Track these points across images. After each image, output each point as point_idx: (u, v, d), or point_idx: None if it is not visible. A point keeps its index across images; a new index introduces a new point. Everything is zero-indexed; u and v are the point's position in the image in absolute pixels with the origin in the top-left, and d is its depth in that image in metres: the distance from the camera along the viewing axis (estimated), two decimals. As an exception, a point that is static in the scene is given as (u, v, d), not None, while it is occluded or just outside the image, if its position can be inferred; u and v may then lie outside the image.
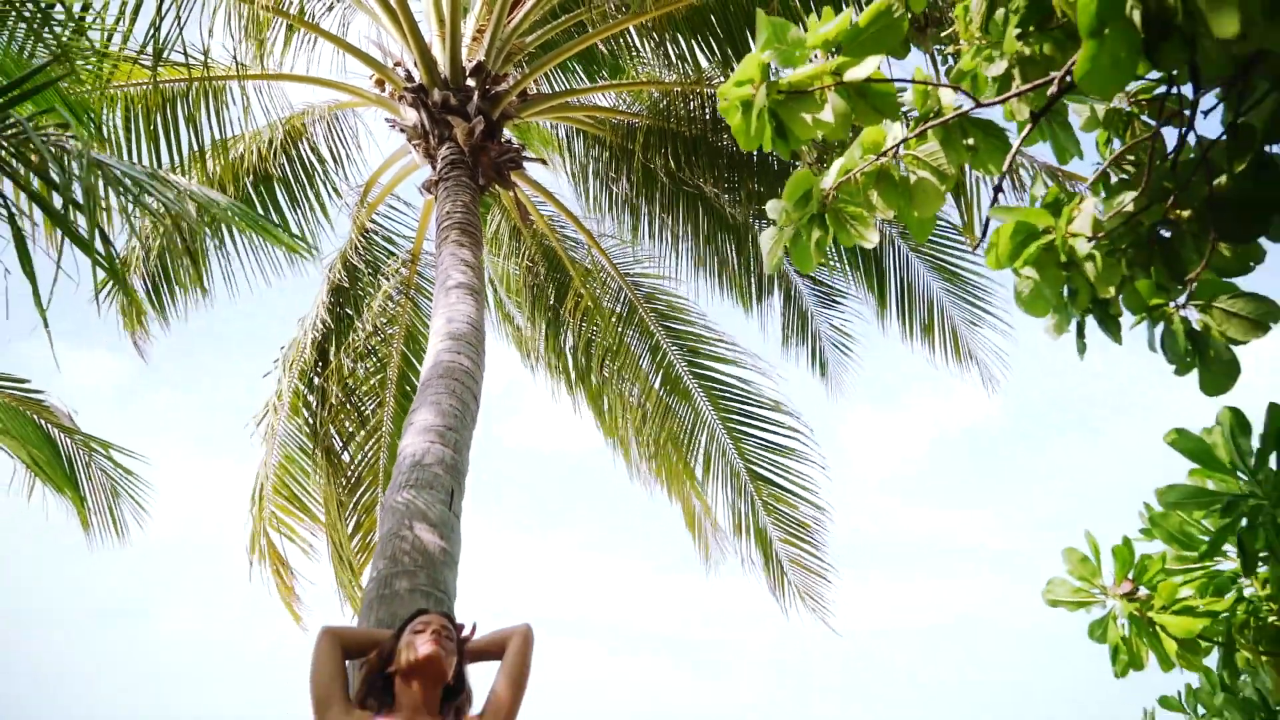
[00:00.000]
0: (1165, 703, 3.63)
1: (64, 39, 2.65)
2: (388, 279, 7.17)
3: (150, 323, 7.46)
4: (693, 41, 5.95)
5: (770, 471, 8.47)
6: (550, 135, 7.66)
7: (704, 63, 5.95)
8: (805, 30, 2.10)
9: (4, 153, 2.06)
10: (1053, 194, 2.28)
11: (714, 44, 5.92)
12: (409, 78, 5.84)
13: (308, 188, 6.74)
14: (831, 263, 8.07)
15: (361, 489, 7.54)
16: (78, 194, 2.24)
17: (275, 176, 6.53)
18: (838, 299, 8.63)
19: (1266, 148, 2.02)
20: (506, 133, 6.44)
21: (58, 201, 2.95)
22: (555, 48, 6.41)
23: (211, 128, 5.67)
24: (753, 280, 8.07)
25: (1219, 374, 2.06)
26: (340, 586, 8.08)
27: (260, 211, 6.30)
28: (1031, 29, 2.12)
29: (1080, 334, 2.42)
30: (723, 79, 5.92)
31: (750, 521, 8.56)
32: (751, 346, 9.82)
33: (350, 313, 6.95)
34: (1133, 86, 2.40)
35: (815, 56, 2.12)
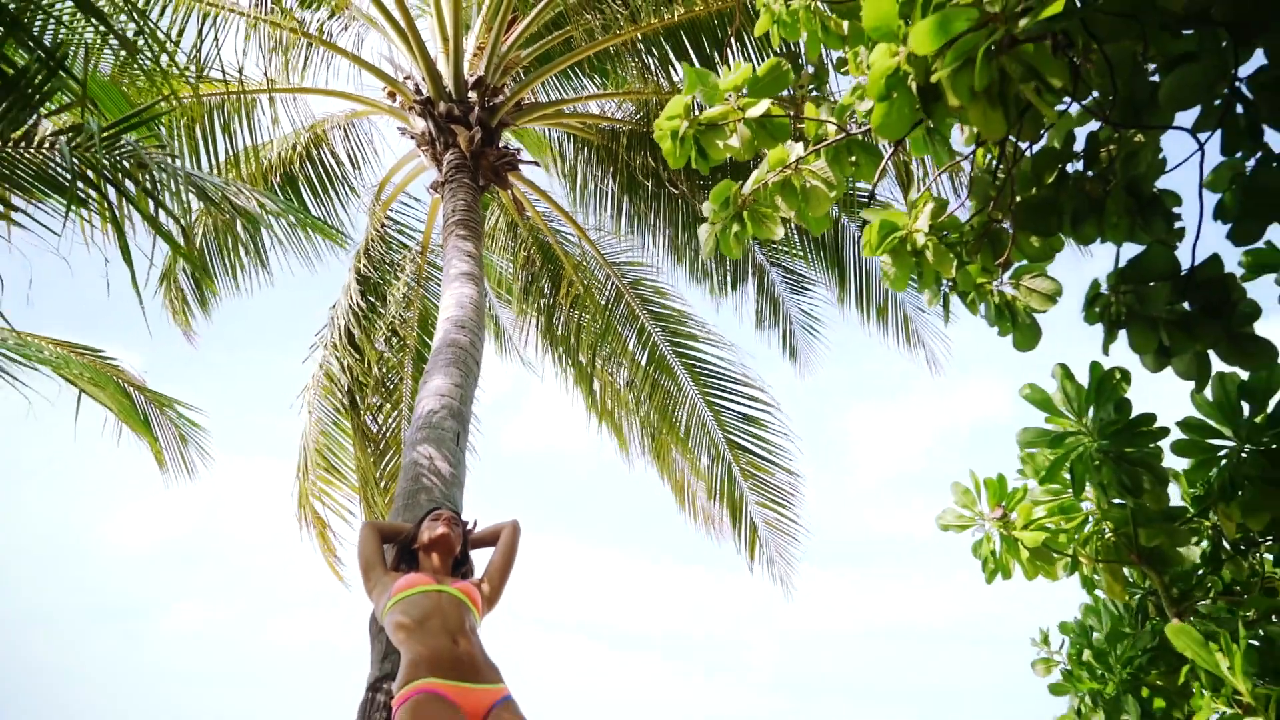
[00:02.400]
0: (1064, 628, 4.25)
1: (158, 69, 3.16)
2: (403, 268, 7.77)
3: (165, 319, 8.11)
4: (667, 56, 6.52)
5: (747, 441, 9.07)
6: (544, 137, 8.25)
7: (678, 75, 6.53)
8: (720, 77, 2.71)
9: (118, 170, 2.64)
10: (924, 198, 2.88)
11: (686, 58, 6.49)
12: (417, 90, 6.41)
13: (330, 187, 7.35)
14: (798, 251, 8.66)
15: (387, 456, 8.15)
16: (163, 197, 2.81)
17: (300, 177, 7.14)
18: (806, 285, 9.19)
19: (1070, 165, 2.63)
20: (506, 136, 7.02)
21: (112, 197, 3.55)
22: (548, 60, 6.99)
23: (244, 135, 6.28)
24: (727, 269, 8.65)
25: (1026, 335, 2.67)
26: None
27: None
28: (889, 76, 2.70)
29: (946, 306, 3.05)
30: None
31: (728, 488, 9.15)
32: (728, 331, 10.36)
33: (373, 299, 7.54)
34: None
35: (729, 97, 2.72)
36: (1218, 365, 2.42)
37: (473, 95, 6.38)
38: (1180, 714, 2.80)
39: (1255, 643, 2.85)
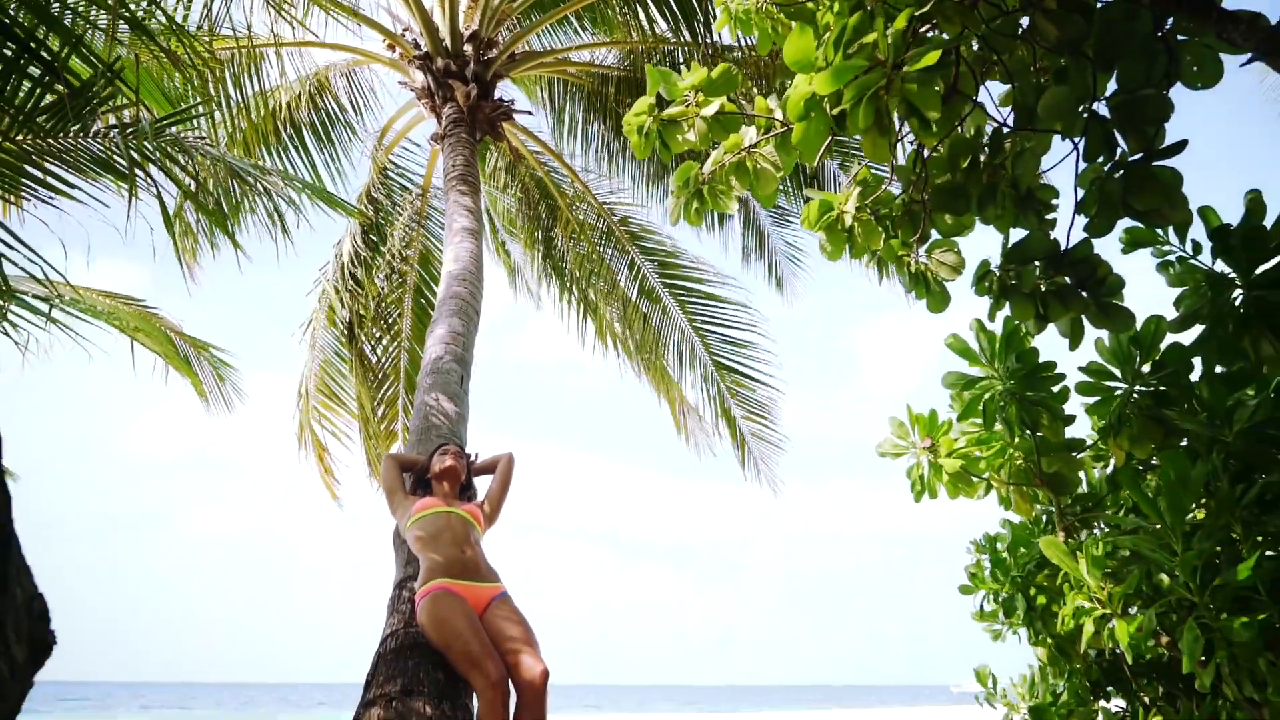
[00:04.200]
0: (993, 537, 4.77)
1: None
2: (404, 209, 8.13)
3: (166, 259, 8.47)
4: (652, 7, 6.72)
5: (732, 362, 9.58)
6: (537, 78, 8.47)
7: (662, 25, 6.75)
8: (682, 77, 3.08)
9: (164, 157, 3.04)
10: (862, 174, 3.29)
11: (670, 10, 6.70)
12: (416, 45, 6.64)
13: (333, 132, 7.64)
14: (782, 186, 8.93)
15: (386, 385, 8.66)
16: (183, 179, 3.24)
17: (305, 123, 7.42)
18: (790, 218, 9.56)
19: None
20: (502, 83, 7.27)
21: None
22: (540, 10, 7.18)
23: (252, 86, 6.54)
24: (714, 204, 8.92)
25: (937, 299, 3.12)
26: (370, 464, 9.32)
27: (294, 153, 7.26)
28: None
29: (881, 270, 3.49)
30: (674, 37, 6.74)
31: (720, 405, 9.72)
32: (716, 263, 10.71)
33: (374, 238, 7.93)
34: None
35: (689, 95, 3.10)
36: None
37: (468, 49, 6.62)
38: (1057, 608, 3.36)
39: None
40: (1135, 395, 3.52)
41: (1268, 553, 2.82)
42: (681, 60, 6.94)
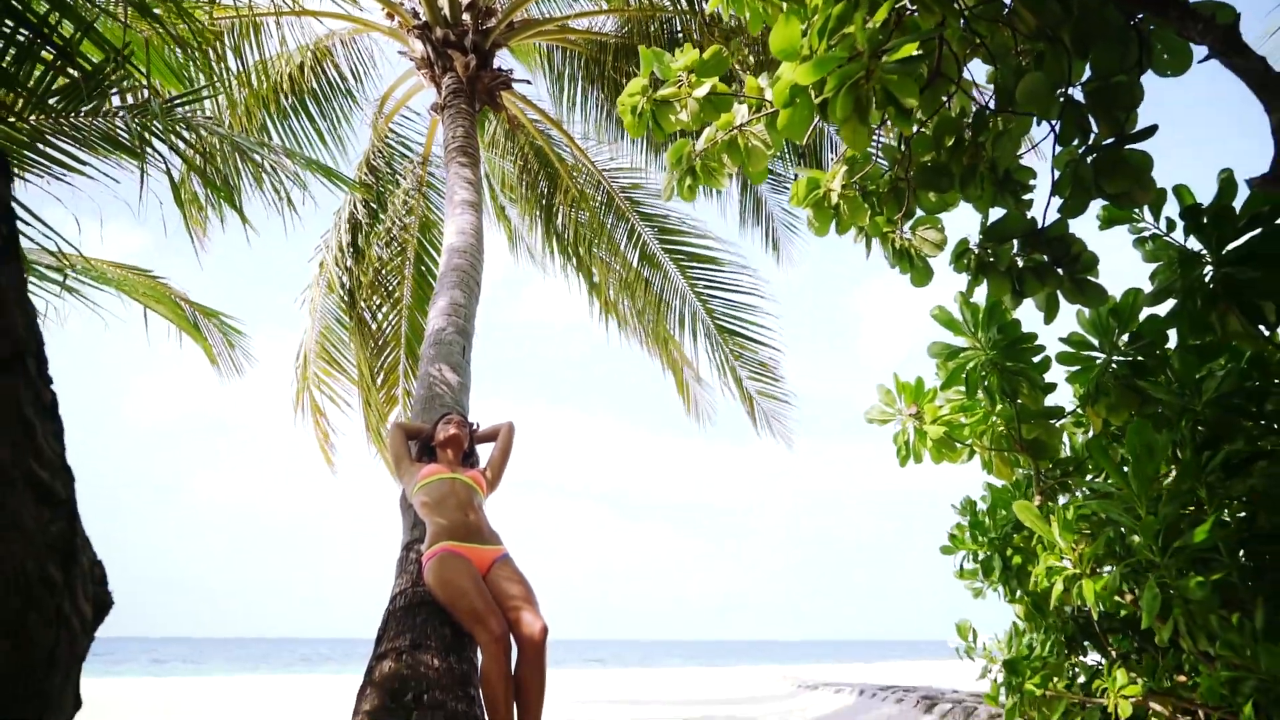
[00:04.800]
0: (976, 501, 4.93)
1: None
2: (404, 177, 8.17)
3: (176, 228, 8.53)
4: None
5: (734, 325, 9.69)
6: (535, 46, 8.44)
7: (660, -7, 6.76)
8: (674, 58, 3.16)
9: (171, 134, 3.14)
10: (850, 152, 3.38)
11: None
12: (415, 14, 6.65)
13: (333, 100, 7.65)
14: (778, 153, 8.90)
15: (387, 352, 8.78)
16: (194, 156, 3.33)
17: (306, 91, 7.43)
18: (787, 185, 9.59)
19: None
20: (500, 52, 7.27)
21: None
22: (538, -22, 7.18)
23: (252, 55, 6.56)
24: (712, 170, 8.94)
25: (920, 274, 3.23)
26: (369, 430, 9.48)
27: (294, 120, 7.30)
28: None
29: (868, 245, 3.59)
30: (671, 5, 6.74)
31: (724, 365, 9.86)
32: (714, 229, 10.73)
33: (375, 206, 7.98)
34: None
35: (681, 76, 3.18)
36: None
37: (466, 18, 6.63)
38: (1032, 567, 3.53)
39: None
40: (1113, 365, 3.64)
41: (1240, 514, 2.97)
42: (679, 29, 6.95)
